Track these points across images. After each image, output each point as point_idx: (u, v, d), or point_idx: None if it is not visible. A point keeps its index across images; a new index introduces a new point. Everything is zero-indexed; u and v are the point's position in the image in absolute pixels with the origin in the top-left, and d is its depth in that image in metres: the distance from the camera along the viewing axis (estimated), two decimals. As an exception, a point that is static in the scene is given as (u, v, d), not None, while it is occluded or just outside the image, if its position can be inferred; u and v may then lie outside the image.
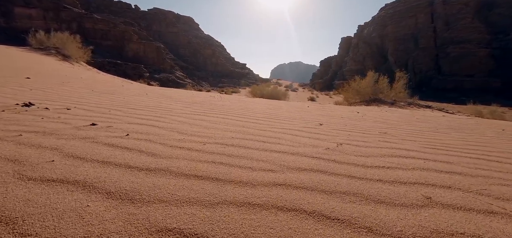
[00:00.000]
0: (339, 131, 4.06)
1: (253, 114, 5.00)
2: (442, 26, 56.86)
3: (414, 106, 10.41)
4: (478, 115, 13.55)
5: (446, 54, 53.30)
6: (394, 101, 11.32)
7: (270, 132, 3.44)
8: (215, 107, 5.58)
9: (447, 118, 7.49)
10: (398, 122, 5.97)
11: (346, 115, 6.39)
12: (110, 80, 10.39)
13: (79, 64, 12.94)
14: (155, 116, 3.77)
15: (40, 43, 13.85)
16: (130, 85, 9.59)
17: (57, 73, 8.27)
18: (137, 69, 41.49)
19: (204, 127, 3.39)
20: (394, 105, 10.53)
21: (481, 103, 26.56)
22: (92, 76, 10.09)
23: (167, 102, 5.62)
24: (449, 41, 54.17)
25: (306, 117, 5.40)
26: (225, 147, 2.50)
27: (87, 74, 10.47)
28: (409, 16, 62.83)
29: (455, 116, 8.48)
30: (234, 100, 8.19)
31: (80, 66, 12.59)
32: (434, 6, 60.22)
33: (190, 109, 4.80)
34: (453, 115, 8.98)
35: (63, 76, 7.68)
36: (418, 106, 10.54)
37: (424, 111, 9.51)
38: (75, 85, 6.29)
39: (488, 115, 14.21)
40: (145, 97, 6.01)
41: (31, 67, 8.56)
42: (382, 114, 7.67)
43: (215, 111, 4.88)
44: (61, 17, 44.79)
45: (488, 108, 18.94)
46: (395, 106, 10.36)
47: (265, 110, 5.99)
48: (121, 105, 4.50)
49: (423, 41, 57.37)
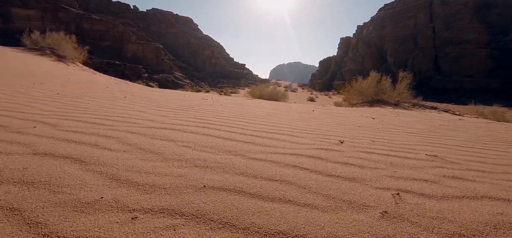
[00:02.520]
0: (371, 153, 2.80)
1: (249, 125, 3.79)
2: (441, 27, 56.89)
3: (419, 107, 10.12)
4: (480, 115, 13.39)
5: (445, 54, 53.31)
6: (398, 102, 11.07)
7: (273, 167, 2.14)
8: (203, 114, 4.45)
9: (473, 123, 6.65)
10: (425, 130, 5.03)
11: (364, 124, 5.30)
12: (97, 81, 9.53)
13: (75, 65, 12.70)
14: (105, 129, 2.69)
15: (35, 44, 13.60)
16: (116, 86, 8.42)
17: (41, 74, 7.87)
18: (136, 70, 41.25)
19: (163, 157, 2.12)
20: (398, 106, 10.25)
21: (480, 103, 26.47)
22: (77, 76, 9.41)
23: (143, 107, 4.56)
24: (448, 41, 54.18)
25: (316, 128, 4.20)
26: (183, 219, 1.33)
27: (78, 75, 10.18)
28: (408, 17, 62.87)
29: (475, 120, 7.80)
30: (229, 104, 6.89)
31: (75, 66, 12.35)
32: (433, 7, 60.26)
33: (168, 119, 3.62)
34: (468, 118, 8.35)
35: (41, 77, 7.15)
36: (423, 107, 10.24)
37: (438, 114, 9.03)
38: (45, 87, 5.49)
39: (490, 116, 14.07)
40: (119, 101, 4.93)
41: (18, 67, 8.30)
42: (399, 119, 6.57)
43: (200, 121, 3.68)
44: (59, 18, 44.50)
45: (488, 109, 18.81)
46: (399, 108, 10.02)
47: (264, 117, 4.86)
48: (70, 112, 3.44)
49: (422, 41, 57.38)
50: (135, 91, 7.54)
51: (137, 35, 54.30)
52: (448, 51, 52.84)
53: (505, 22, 52.76)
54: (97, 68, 28.60)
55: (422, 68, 54.67)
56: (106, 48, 47.11)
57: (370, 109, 9.11)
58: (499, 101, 36.11)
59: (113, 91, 6.80)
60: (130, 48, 50.09)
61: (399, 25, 64.14)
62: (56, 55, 12.13)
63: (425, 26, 59.36)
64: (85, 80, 8.71)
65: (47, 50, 12.51)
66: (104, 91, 6.53)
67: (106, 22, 49.00)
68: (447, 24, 56.87)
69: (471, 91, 45.61)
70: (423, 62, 55.43)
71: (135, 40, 51.24)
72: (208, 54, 76.97)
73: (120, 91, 6.95)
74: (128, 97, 5.79)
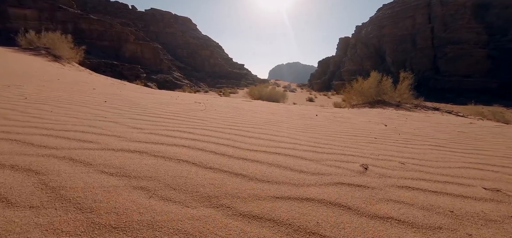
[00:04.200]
0: (413, 190, 1.97)
1: (243, 140, 2.99)
2: (440, 27, 57.04)
3: (421, 108, 9.91)
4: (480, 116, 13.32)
5: (443, 54, 53.44)
6: (399, 103, 10.88)
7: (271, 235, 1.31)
8: (189, 124, 3.63)
9: (488, 129, 6.09)
10: (448, 140, 4.41)
11: (377, 132, 4.64)
12: (88, 82, 8.85)
13: (71, 65, 12.46)
14: (33, 156, 1.90)
15: (30, 44, 13.36)
16: (108, 88, 7.66)
17: (24, 75, 7.35)
18: (134, 70, 40.98)
19: (92, 221, 1.21)
20: (400, 107, 10.03)
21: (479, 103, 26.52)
22: (69, 77, 8.85)
23: (119, 115, 3.80)
24: (446, 41, 54.33)
25: (325, 142, 3.39)
26: None
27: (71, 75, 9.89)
28: (406, 17, 63.02)
29: (486, 124, 7.36)
30: (224, 108, 6.04)
31: (71, 67, 12.11)
32: (431, 7, 60.42)
33: (142, 134, 2.79)
34: (479, 122, 7.93)
35: (23, 78, 6.64)
36: (425, 108, 10.04)
37: (442, 116, 8.66)
38: (16, 91, 4.89)
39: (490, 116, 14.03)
40: (91, 108, 4.16)
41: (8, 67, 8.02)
42: (411, 125, 5.90)
43: (181, 136, 2.88)
44: (57, 18, 44.15)
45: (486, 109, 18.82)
46: (401, 109, 9.78)
47: (262, 126, 4.12)
48: (12, 125, 2.77)
49: (421, 41, 57.51)
50: (123, 94, 6.78)
51: (135, 35, 54.00)
52: (447, 51, 52.98)
53: (503, 22, 52.99)
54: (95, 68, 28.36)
55: (421, 68, 54.78)
56: (104, 48, 46.81)
57: (373, 111, 8.76)
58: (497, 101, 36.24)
59: (98, 93, 6.08)
60: (128, 48, 49.80)
61: (397, 25, 64.27)
62: (51, 55, 11.90)
63: (424, 26, 59.51)
64: (74, 81, 8.08)
65: (43, 50, 12.28)
66: (86, 94, 5.80)
67: (104, 22, 48.68)
68: (446, 24, 57.04)
69: (469, 92, 45.74)
70: (421, 62, 55.55)
71: (134, 40, 50.96)
72: (207, 54, 76.76)
73: (106, 94, 6.17)
74: (109, 102, 4.99)
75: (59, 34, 14.52)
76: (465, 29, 53.62)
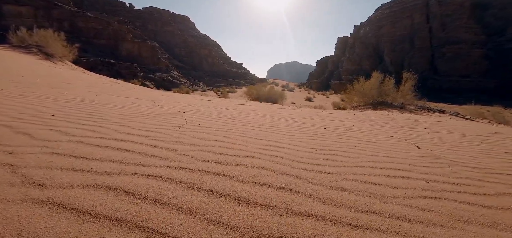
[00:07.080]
0: None
1: (223, 203, 1.61)
2: (438, 27, 57.09)
3: (427, 110, 9.60)
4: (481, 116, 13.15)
5: (441, 54, 53.49)
6: (403, 105, 10.59)
7: None
8: (138, 163, 2.10)
9: (507, 135, 5.47)
10: (508, 168, 3.03)
11: (411, 158, 3.13)
12: (73, 81, 8.20)
13: (63, 64, 12.11)
14: None
15: (22, 41, 12.98)
16: (80, 92, 6.34)
17: (6, 72, 7.02)
18: (131, 69, 40.53)
19: None
20: (404, 109, 9.71)
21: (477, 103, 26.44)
22: (54, 77, 8.22)
23: (65, 135, 2.64)
24: (444, 41, 54.39)
25: (351, 178, 2.25)
26: None
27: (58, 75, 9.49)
28: (405, 17, 63.03)
29: (501, 129, 6.77)
30: (210, 121, 4.37)
31: (64, 65, 11.76)
32: (429, 7, 60.47)
33: (58, 180, 1.68)
34: (502, 127, 7.33)
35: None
36: (431, 111, 9.71)
37: (449, 119, 7.99)
38: None
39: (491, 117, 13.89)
40: (27, 123, 2.93)
41: None
42: (443, 140, 4.67)
43: (125, 194, 1.59)
44: (53, 16, 43.51)
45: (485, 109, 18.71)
46: (406, 111, 9.49)
47: (256, 148, 2.92)
48: None
49: (419, 41, 57.54)
50: (96, 99, 5.41)
51: (132, 33, 53.45)
52: (445, 51, 53.04)
53: (501, 23, 53.10)
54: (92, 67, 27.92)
55: (419, 68, 54.77)
56: (101, 46, 46.25)
57: (381, 117, 8.20)
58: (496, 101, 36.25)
59: (61, 100, 4.71)
60: (125, 46, 49.26)
61: (396, 25, 64.27)
62: (43, 53, 11.54)
63: (422, 26, 59.54)
64: (56, 83, 7.16)
65: (34, 48, 11.90)
66: (40, 100, 4.47)
67: (101, 20, 48.08)
68: (444, 24, 57.09)
69: (467, 91, 45.80)
70: (419, 62, 55.56)
71: (131, 39, 50.42)
72: (205, 53, 76.28)
73: (73, 101, 4.85)
74: (59, 115, 3.47)
75: (52, 32, 14.12)
76: (463, 29, 53.70)
